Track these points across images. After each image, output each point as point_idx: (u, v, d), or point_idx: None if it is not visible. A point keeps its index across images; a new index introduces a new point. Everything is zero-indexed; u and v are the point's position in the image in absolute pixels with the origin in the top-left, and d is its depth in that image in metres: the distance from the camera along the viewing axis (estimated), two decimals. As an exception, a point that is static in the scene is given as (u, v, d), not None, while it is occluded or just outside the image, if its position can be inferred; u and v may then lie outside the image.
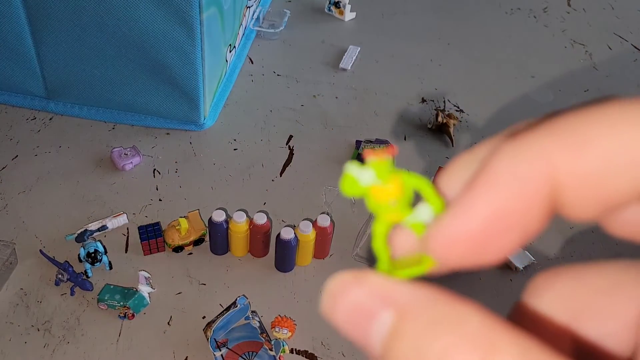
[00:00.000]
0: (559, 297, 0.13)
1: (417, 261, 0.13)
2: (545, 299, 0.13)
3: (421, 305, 0.11)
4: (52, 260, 0.61)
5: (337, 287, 0.12)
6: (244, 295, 0.58)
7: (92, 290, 0.60)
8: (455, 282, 0.61)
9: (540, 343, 0.10)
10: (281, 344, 0.56)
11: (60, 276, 0.60)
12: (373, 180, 0.13)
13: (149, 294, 0.59)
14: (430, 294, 0.11)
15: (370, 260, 0.60)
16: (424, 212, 0.13)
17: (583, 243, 0.68)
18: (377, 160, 0.13)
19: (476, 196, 0.11)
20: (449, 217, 0.12)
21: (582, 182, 0.11)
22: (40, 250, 0.62)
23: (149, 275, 0.60)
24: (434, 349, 0.10)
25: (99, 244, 0.61)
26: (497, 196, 0.11)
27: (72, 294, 0.59)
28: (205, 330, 0.57)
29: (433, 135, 0.79)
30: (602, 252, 0.67)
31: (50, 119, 0.78)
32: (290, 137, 0.78)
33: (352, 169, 0.13)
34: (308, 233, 0.60)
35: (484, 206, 0.11)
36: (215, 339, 0.56)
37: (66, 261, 0.61)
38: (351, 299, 0.12)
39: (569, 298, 0.13)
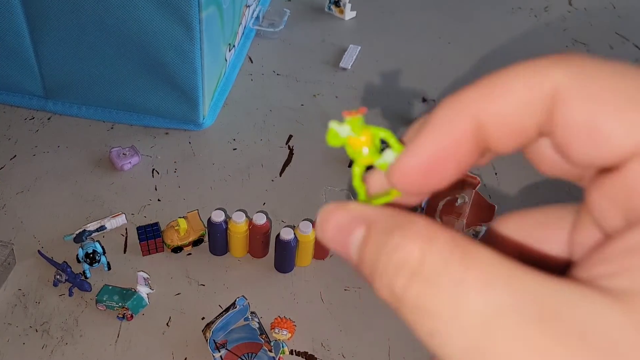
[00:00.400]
0: (512, 229, 0.18)
1: (386, 193, 0.17)
2: (503, 230, 0.18)
3: (383, 219, 0.15)
4: (51, 261, 0.61)
5: (325, 213, 0.16)
6: (243, 296, 0.58)
7: (90, 291, 0.60)
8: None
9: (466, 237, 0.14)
10: (281, 345, 0.56)
11: (58, 277, 0.60)
12: (349, 133, 0.17)
13: (147, 294, 0.59)
14: (390, 212, 0.15)
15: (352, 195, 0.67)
16: (389, 155, 0.17)
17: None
18: (352, 118, 0.17)
19: (420, 138, 0.15)
20: (403, 156, 0.16)
21: (498, 121, 0.15)
22: (39, 251, 0.62)
23: (148, 276, 0.60)
24: (388, 245, 0.14)
25: (97, 244, 0.61)
26: (435, 136, 0.15)
27: (70, 294, 0.59)
28: (204, 331, 0.57)
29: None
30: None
31: (49, 118, 0.78)
32: (290, 136, 0.78)
33: (333, 124, 0.17)
34: (308, 233, 0.60)
35: (426, 145, 0.15)
36: (214, 340, 0.55)
37: (64, 262, 0.61)
38: (335, 221, 0.16)
39: (515, 232, 0.17)
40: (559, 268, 0.17)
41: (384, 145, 0.17)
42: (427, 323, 0.13)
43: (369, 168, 0.18)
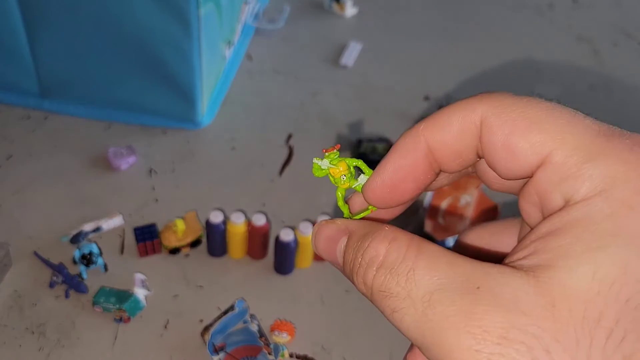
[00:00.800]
0: (473, 238, 0.23)
1: (365, 210, 0.22)
2: (466, 240, 0.23)
3: (360, 229, 0.19)
4: (47, 262, 0.60)
5: (317, 228, 0.21)
6: (242, 298, 0.57)
7: (87, 292, 0.59)
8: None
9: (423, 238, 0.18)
10: (280, 348, 0.55)
11: (55, 278, 0.59)
12: (328, 165, 0.22)
13: (145, 296, 0.58)
14: (365, 223, 0.19)
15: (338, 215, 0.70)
16: (362, 179, 0.21)
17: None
18: (329, 153, 0.22)
19: (384, 163, 0.20)
20: (372, 177, 0.20)
21: (442, 146, 0.19)
22: (35, 252, 0.61)
23: (145, 278, 0.59)
24: (362, 247, 0.18)
25: (94, 245, 0.60)
26: (395, 160, 0.19)
27: (67, 296, 0.58)
28: (202, 333, 0.56)
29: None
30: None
31: (45, 118, 0.77)
32: (290, 135, 0.77)
33: (316, 160, 0.22)
34: (308, 234, 0.59)
35: (388, 167, 0.20)
36: (213, 343, 0.55)
37: (61, 263, 0.60)
38: (325, 234, 0.20)
39: (479, 238, 0.23)
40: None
41: (358, 171, 0.22)
42: (389, 303, 0.17)
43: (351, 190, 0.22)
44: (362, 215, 0.22)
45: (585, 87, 0.89)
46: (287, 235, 0.59)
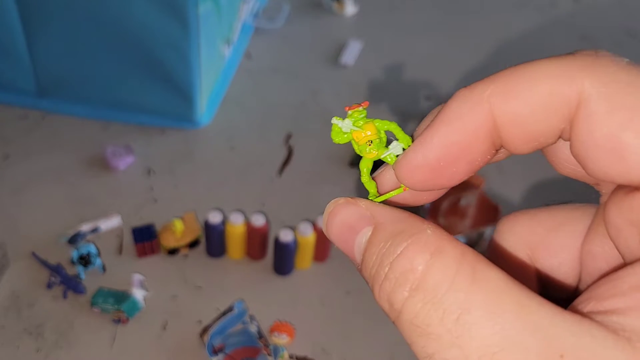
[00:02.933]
0: (518, 236, 0.16)
1: (395, 189, 0.17)
2: (508, 238, 0.17)
3: (390, 222, 0.14)
4: (44, 263, 0.60)
5: (332, 207, 0.16)
6: (241, 299, 0.56)
7: (85, 293, 0.58)
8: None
9: (475, 251, 0.13)
10: (280, 349, 0.55)
11: (52, 279, 0.59)
12: (351, 127, 0.17)
13: (143, 297, 0.58)
14: (399, 215, 0.14)
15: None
16: (396, 147, 0.16)
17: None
18: (353, 112, 0.17)
19: (432, 132, 0.14)
20: (411, 149, 0.15)
21: (514, 121, 0.14)
22: (33, 253, 0.61)
23: (144, 278, 0.59)
24: (392, 252, 0.13)
25: (92, 246, 0.60)
26: (448, 130, 0.14)
27: (64, 297, 0.58)
28: (201, 335, 0.56)
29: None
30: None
31: (43, 118, 0.76)
32: (290, 135, 0.77)
33: (335, 120, 0.17)
34: (308, 235, 0.59)
35: (437, 139, 0.14)
36: (212, 344, 0.54)
37: (59, 263, 0.60)
38: (342, 217, 0.15)
39: (526, 236, 0.16)
40: (566, 282, 0.16)
41: (391, 138, 0.17)
42: (426, 344, 0.12)
43: (380, 163, 0.17)
44: (390, 195, 0.17)
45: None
46: (286, 236, 0.58)
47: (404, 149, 0.16)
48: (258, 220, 0.60)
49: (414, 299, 0.13)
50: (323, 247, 0.61)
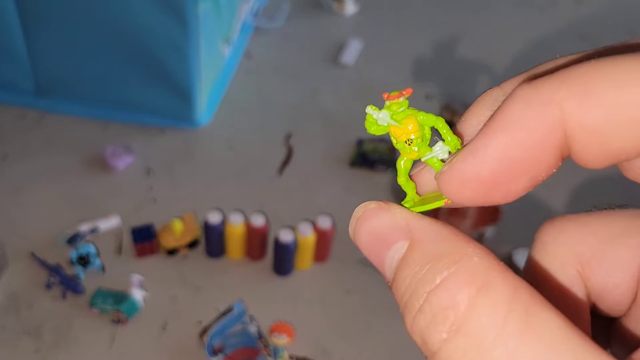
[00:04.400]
0: (565, 248, 0.13)
1: (437, 196, 0.14)
2: (553, 250, 0.13)
3: (430, 240, 0.12)
4: (43, 263, 0.60)
5: (362, 213, 0.13)
6: (240, 299, 0.56)
7: (84, 293, 0.58)
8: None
9: (529, 285, 0.11)
10: (280, 350, 0.54)
11: (52, 279, 0.58)
12: (389, 120, 0.14)
13: (142, 298, 0.58)
14: (441, 230, 0.12)
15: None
16: (441, 150, 0.14)
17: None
18: (392, 102, 0.14)
19: (488, 140, 0.12)
20: (460, 159, 0.12)
21: (589, 134, 0.11)
22: (32, 253, 0.61)
23: (143, 279, 0.59)
24: (431, 280, 0.11)
25: (91, 246, 0.60)
26: (508, 142, 0.12)
27: (63, 297, 0.58)
28: (201, 335, 0.56)
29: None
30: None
31: (41, 117, 0.76)
32: (290, 135, 0.76)
33: (370, 110, 0.14)
34: (308, 235, 0.59)
35: (494, 151, 0.12)
36: (212, 345, 0.54)
37: (58, 264, 0.59)
38: (373, 225, 0.13)
39: (576, 248, 0.13)
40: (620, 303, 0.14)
41: (436, 137, 0.14)
42: None
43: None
44: (430, 207, 0.14)
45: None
46: (286, 236, 0.58)
47: (450, 153, 0.14)
48: (258, 221, 0.59)
49: (454, 343, 0.11)
50: (323, 247, 0.61)
